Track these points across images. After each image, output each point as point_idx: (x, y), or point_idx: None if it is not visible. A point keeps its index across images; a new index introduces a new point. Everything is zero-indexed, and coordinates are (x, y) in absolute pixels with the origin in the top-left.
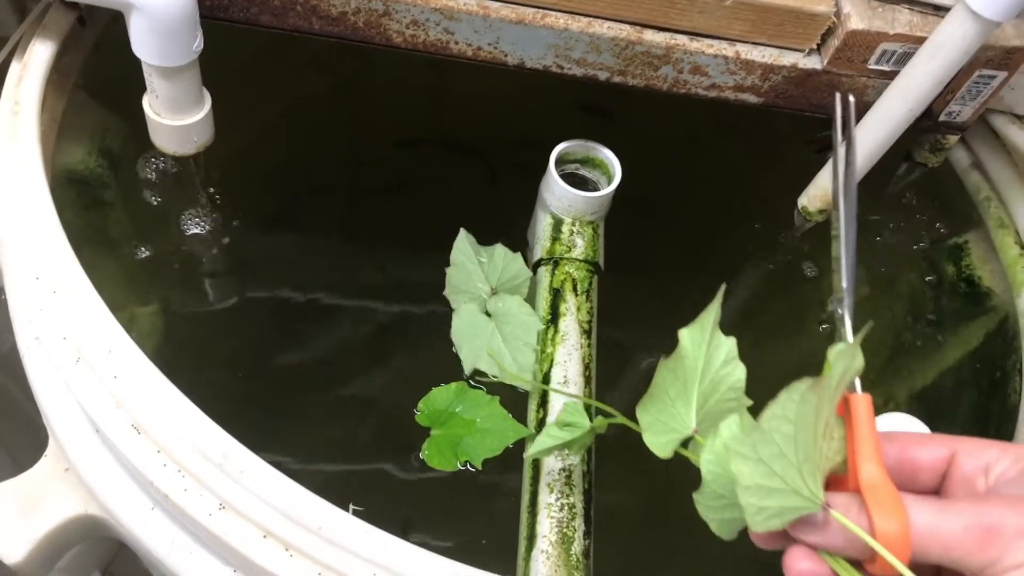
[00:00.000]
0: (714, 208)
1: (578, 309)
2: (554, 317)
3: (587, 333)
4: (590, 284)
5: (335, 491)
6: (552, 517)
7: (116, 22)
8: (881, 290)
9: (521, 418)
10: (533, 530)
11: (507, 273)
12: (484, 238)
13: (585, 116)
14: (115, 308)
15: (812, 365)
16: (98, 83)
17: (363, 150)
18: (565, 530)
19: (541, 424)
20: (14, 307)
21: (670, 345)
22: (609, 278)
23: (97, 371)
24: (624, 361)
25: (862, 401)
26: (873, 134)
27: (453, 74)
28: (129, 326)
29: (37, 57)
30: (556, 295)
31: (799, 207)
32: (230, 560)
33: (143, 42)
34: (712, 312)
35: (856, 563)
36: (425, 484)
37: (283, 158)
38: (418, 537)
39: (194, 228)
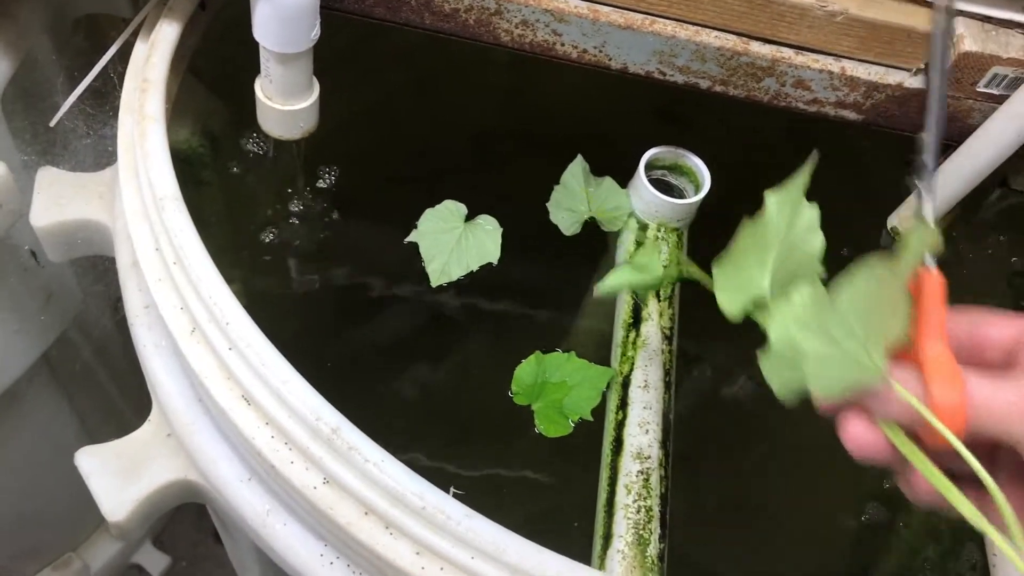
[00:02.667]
0: None
1: (660, 315)
2: (636, 321)
3: (668, 339)
4: (673, 290)
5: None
6: (629, 519)
7: (230, 7)
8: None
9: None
10: (609, 529)
11: (610, 202)
12: (564, 241)
13: (662, 123)
14: None
15: None
16: (206, 66)
17: (442, 144)
18: (642, 532)
19: (620, 427)
20: (127, 277)
21: (745, 359)
22: (689, 287)
23: (212, 342)
24: (700, 371)
25: (934, 280)
26: (976, 158)
27: (528, 73)
28: None
29: (164, 37)
30: (638, 299)
31: (889, 227)
32: (324, 535)
33: (266, 27)
34: (801, 178)
35: (911, 434)
36: (491, 480)
37: (367, 148)
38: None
39: (289, 211)
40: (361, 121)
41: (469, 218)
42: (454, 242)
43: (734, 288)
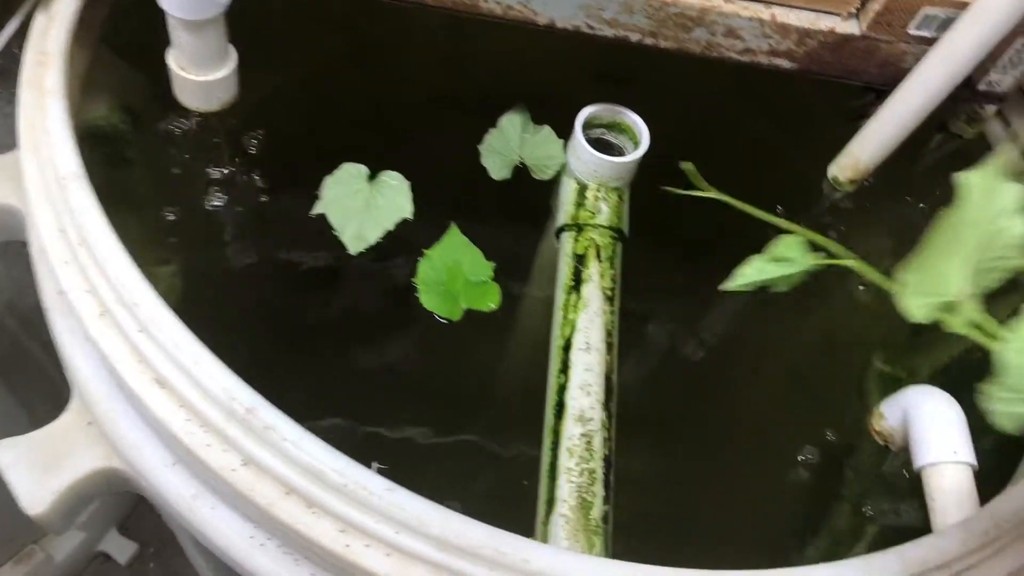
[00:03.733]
0: (740, 177)
1: (601, 276)
2: (576, 283)
3: (610, 300)
4: (614, 251)
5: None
6: (572, 482)
7: None
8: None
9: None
10: (552, 494)
11: (543, 150)
12: (505, 204)
13: (607, 85)
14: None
15: (839, 335)
16: (122, 38)
17: (383, 111)
18: (585, 495)
19: (562, 390)
20: (38, 261)
21: (693, 316)
22: (633, 246)
23: (121, 325)
24: (645, 331)
25: None
26: (910, 102)
27: (473, 36)
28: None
29: (63, 8)
30: (579, 261)
31: (829, 177)
32: (251, 516)
33: None
34: (1000, 158)
35: None
36: (440, 448)
37: (305, 117)
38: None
39: (216, 188)
40: (289, 90)
41: (372, 177)
42: (362, 205)
43: (923, 291)
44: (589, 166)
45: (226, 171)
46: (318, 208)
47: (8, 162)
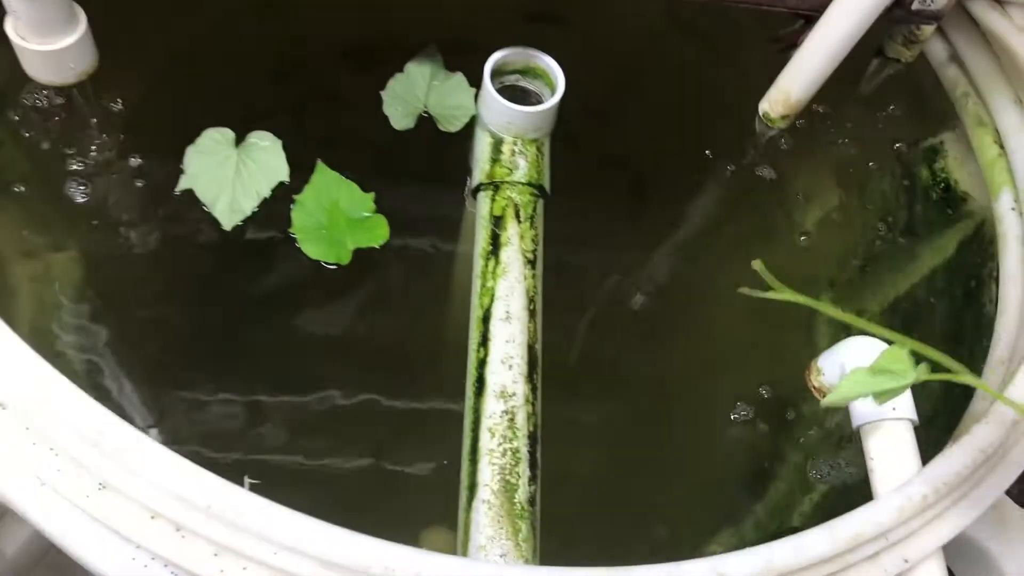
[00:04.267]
0: (671, 117)
1: (521, 237)
2: (495, 248)
3: (531, 263)
4: (534, 209)
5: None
6: (494, 464)
7: None
8: (853, 196)
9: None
10: (474, 479)
11: (452, 99)
12: (417, 163)
13: (535, 26)
14: (25, 256)
15: (782, 272)
16: None
17: (287, 64)
18: (508, 477)
19: (481, 365)
20: None
21: (624, 266)
22: (557, 199)
23: None
24: (574, 285)
25: None
26: (836, 26)
27: None
28: (45, 274)
29: None
30: (497, 223)
31: (760, 113)
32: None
33: None
34: None
35: None
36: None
37: (183, 80)
38: (354, 488)
39: (86, 170)
40: (163, 52)
41: (239, 141)
42: (232, 173)
43: None
44: (503, 117)
45: (94, 151)
46: (183, 184)
47: None
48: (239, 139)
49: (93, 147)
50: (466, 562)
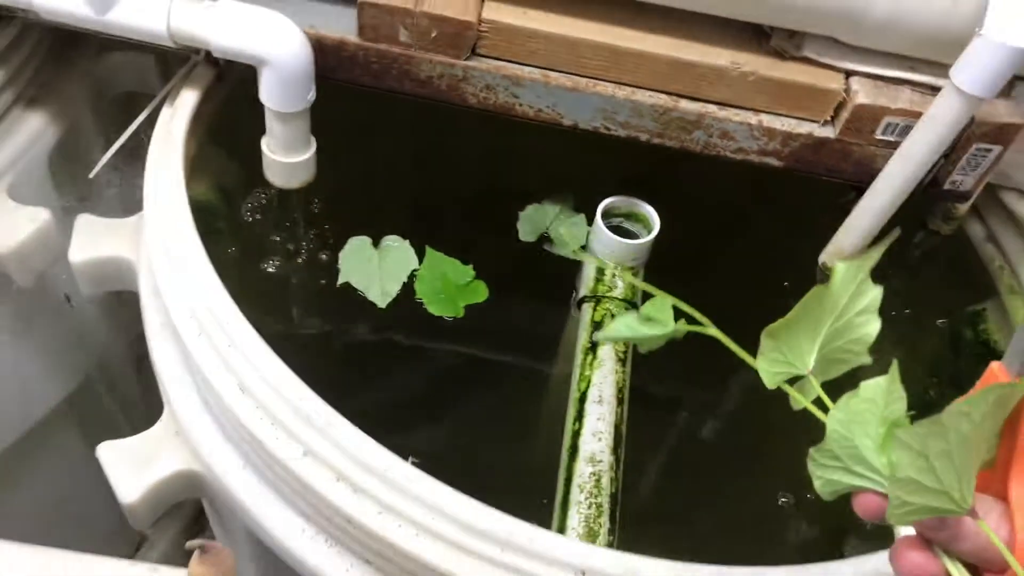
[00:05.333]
0: (745, 264)
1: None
2: (593, 346)
3: (622, 361)
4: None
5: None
6: (581, 513)
7: (243, 81)
8: (906, 354)
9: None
10: (563, 523)
11: (568, 229)
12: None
13: (630, 182)
14: None
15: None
16: (222, 131)
17: (432, 200)
18: (592, 525)
19: (575, 436)
20: (148, 303)
21: (694, 393)
22: None
23: (214, 341)
24: (651, 405)
25: None
26: (880, 197)
27: (516, 139)
28: None
29: (185, 102)
30: (596, 327)
31: (820, 263)
32: (304, 509)
33: (270, 91)
34: (872, 257)
35: (972, 568)
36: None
37: (366, 199)
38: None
39: (293, 254)
40: (355, 176)
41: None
42: (376, 267)
43: (777, 359)
44: (607, 248)
45: (299, 239)
46: (342, 279)
47: (126, 225)
48: (375, 243)
49: (297, 236)
50: (565, 539)
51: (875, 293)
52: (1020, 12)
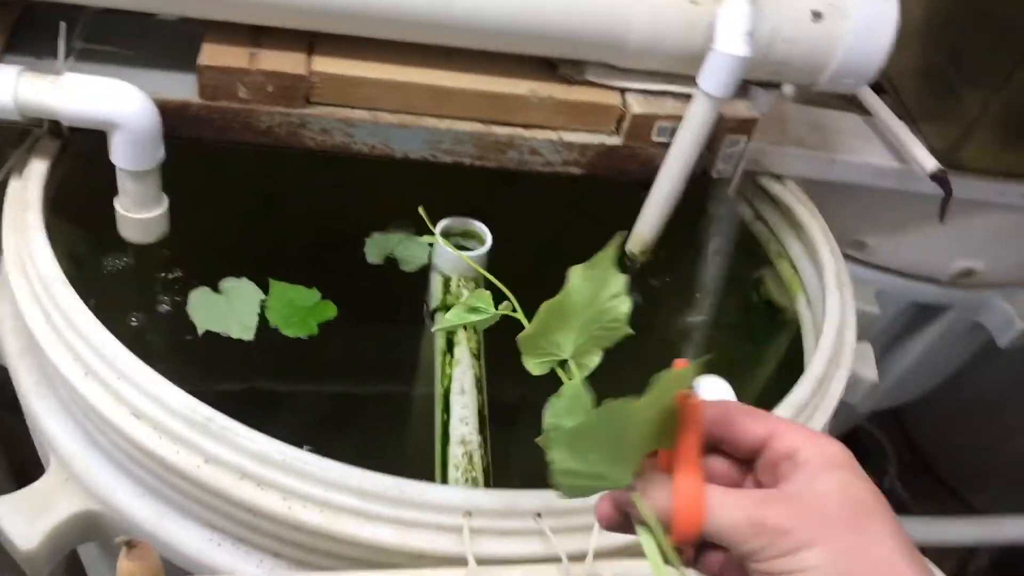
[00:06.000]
0: (567, 260)
1: (468, 340)
2: (450, 347)
3: (476, 356)
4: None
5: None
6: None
7: (87, 144)
8: (707, 316)
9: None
10: None
11: (411, 251)
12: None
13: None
14: None
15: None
16: (72, 197)
17: (282, 238)
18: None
19: (445, 427)
20: (17, 364)
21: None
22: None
23: (102, 378)
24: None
25: (694, 409)
26: (663, 188)
27: (350, 168)
28: None
29: (35, 171)
30: (449, 332)
31: (627, 251)
32: (209, 519)
33: (122, 152)
34: (607, 255)
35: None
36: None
37: (218, 246)
38: None
39: (154, 304)
40: (204, 224)
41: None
42: (226, 308)
43: (539, 354)
44: (449, 262)
45: (158, 291)
46: (201, 328)
47: None
48: (215, 289)
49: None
50: (449, 488)
51: (620, 280)
52: (740, 30)
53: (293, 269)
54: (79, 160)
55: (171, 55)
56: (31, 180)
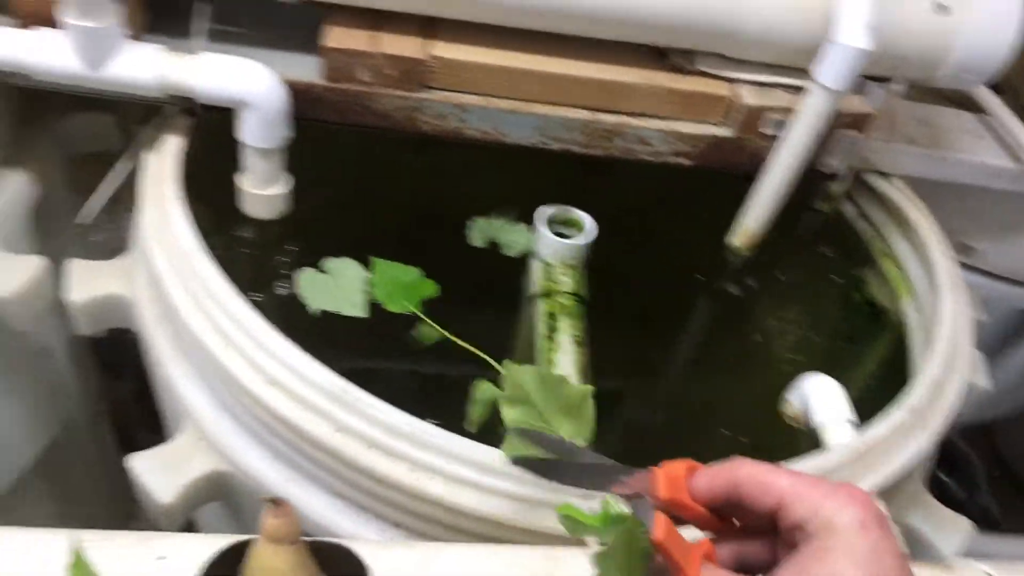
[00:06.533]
0: (668, 252)
1: (571, 326)
2: (551, 333)
3: (579, 344)
4: (577, 310)
5: None
6: None
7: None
8: (808, 315)
9: None
10: None
11: (511, 235)
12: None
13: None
14: None
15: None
16: (200, 172)
17: (391, 219)
18: None
19: None
20: (155, 332)
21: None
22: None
23: (241, 348)
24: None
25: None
26: (773, 180)
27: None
28: None
29: (170, 146)
30: (551, 317)
31: (729, 244)
32: (334, 485)
33: (250, 129)
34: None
35: None
36: None
37: (336, 223)
38: None
39: (271, 279)
40: (322, 204)
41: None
42: (335, 287)
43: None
44: (551, 248)
45: (275, 265)
46: (313, 308)
47: (116, 265)
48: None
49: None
50: None
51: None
52: (862, 22)
53: (398, 249)
54: (204, 137)
55: (293, 37)
56: (167, 155)
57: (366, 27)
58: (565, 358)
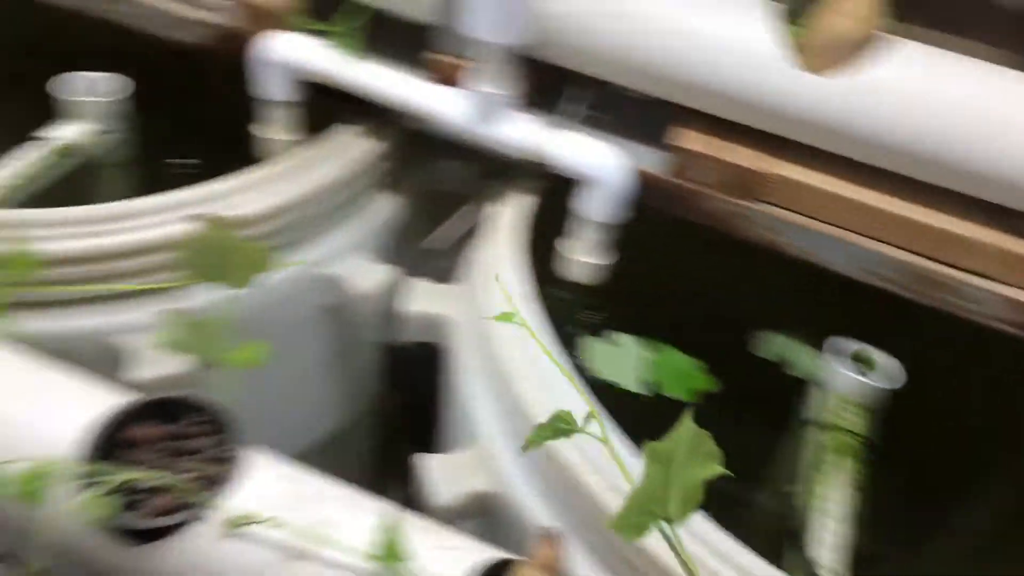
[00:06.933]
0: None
1: (847, 466)
2: (822, 467)
3: (855, 487)
4: (858, 451)
5: None
6: None
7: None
8: None
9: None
10: None
11: (802, 358)
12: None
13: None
14: None
15: None
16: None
17: (680, 310)
18: None
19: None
20: (468, 352)
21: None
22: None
23: (550, 392)
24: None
25: None
26: None
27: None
28: None
29: (516, 201)
30: (827, 451)
31: None
32: (600, 552)
33: (593, 204)
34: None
35: None
36: None
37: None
38: None
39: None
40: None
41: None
42: (622, 362)
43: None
44: (846, 384)
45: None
46: (601, 373)
47: (450, 290)
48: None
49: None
50: None
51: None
52: None
53: (686, 339)
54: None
55: (641, 128)
56: (516, 207)
57: (713, 133)
58: (836, 496)
